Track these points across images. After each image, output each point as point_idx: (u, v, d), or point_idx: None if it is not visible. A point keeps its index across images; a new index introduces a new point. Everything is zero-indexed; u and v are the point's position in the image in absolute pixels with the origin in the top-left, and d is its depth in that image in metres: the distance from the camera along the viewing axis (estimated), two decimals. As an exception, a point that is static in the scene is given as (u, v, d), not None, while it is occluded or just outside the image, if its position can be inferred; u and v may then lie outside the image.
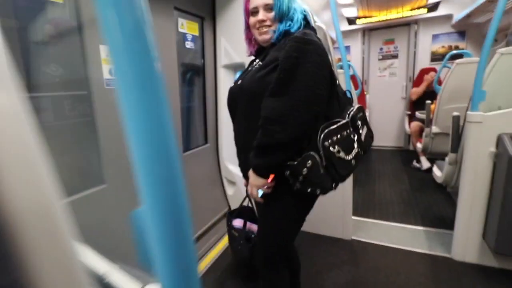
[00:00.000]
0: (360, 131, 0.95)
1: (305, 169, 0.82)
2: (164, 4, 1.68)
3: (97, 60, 1.27)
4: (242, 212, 1.34)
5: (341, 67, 1.93)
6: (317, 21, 1.83)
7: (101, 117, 1.28)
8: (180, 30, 1.87)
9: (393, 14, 4.05)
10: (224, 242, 2.02)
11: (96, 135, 1.28)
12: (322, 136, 0.82)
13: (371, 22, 4.21)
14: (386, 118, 4.60)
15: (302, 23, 0.97)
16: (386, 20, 4.12)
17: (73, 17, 1.21)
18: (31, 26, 1.11)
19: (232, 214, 1.36)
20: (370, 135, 1.04)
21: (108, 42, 0.22)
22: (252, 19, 0.99)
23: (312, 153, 0.82)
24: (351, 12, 4.10)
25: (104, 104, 1.29)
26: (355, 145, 0.89)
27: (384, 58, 4.57)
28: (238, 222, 1.33)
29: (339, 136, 0.85)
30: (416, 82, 4.04)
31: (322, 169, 0.83)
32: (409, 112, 4.07)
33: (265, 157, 0.84)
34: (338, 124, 0.86)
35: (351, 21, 4.31)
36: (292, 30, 0.94)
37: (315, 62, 0.83)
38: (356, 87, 3.45)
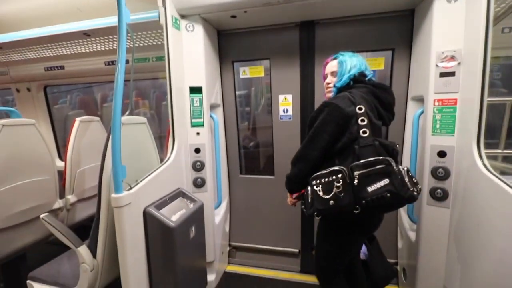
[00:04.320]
0: (355, 180, 1.12)
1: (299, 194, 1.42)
2: None
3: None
4: None
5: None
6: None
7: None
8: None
9: None
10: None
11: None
12: (311, 177, 1.26)
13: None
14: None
15: (343, 84, 1.35)
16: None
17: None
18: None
19: None
20: (387, 189, 1.08)
21: None
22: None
23: (308, 187, 1.27)
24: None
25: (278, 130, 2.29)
26: (334, 189, 1.16)
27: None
28: None
29: (324, 180, 1.20)
30: None
31: (310, 199, 1.26)
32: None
33: (287, 185, 1.44)
34: (327, 171, 1.20)
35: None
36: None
37: (321, 120, 1.24)
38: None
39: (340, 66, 1.37)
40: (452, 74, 1.52)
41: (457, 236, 1.49)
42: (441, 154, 1.57)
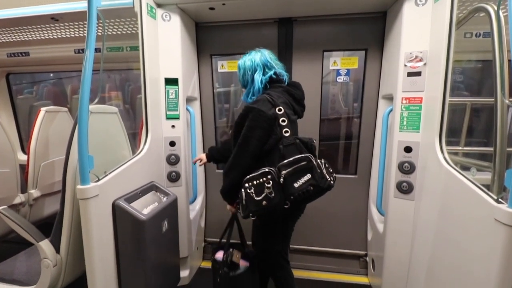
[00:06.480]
0: (281, 179, 1.20)
1: (238, 200, 1.32)
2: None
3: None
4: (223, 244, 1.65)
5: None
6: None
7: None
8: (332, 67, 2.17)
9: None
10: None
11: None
12: (244, 180, 1.26)
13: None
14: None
15: (261, 88, 1.40)
16: None
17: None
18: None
19: (216, 248, 1.65)
20: (310, 183, 1.19)
21: None
22: None
23: (242, 190, 1.27)
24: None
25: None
26: (265, 190, 1.20)
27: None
28: (219, 254, 1.60)
29: (255, 181, 1.23)
30: None
31: (244, 202, 1.26)
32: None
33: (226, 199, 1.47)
34: (258, 172, 1.24)
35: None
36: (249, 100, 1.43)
37: (248, 127, 1.28)
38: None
39: (238, 71, 1.51)
40: (418, 74, 1.61)
41: (420, 226, 1.58)
42: (408, 149, 1.66)
